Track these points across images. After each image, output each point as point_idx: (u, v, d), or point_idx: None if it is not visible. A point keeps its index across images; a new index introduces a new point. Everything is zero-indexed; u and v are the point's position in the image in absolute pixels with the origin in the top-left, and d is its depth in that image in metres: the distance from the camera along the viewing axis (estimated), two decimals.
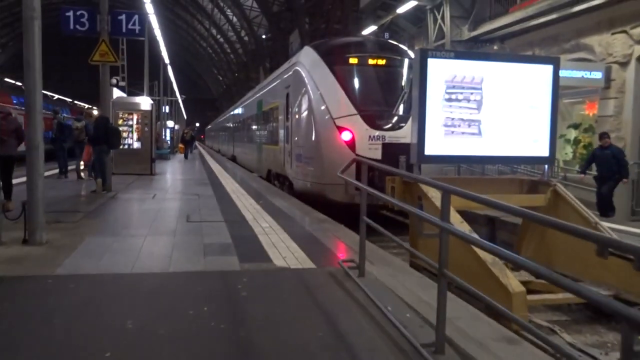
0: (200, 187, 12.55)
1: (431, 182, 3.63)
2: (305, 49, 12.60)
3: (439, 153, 7.11)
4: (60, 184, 12.50)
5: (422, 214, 3.39)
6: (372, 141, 10.70)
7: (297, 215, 8.36)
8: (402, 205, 4.04)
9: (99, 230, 6.63)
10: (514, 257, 2.47)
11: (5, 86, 39.06)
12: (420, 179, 3.94)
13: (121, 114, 16.07)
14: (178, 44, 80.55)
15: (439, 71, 7.01)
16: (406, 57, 12.04)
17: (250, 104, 22.37)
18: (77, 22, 10.78)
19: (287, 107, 13.10)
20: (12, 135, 8.47)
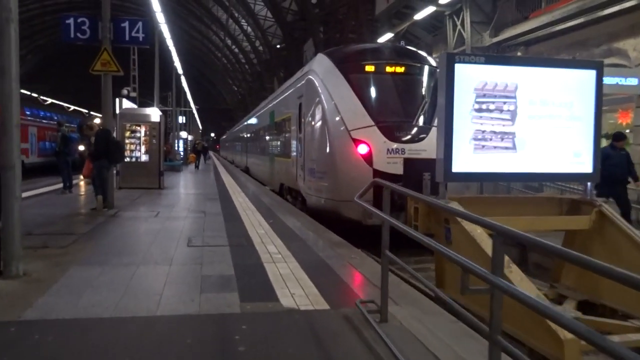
0: (208, 203, 11.87)
1: (478, 220, 2.85)
2: (319, 57, 11.90)
3: (468, 170, 6.30)
4: (60, 200, 11.92)
5: (467, 264, 2.61)
6: (391, 154, 9.93)
7: (310, 238, 7.60)
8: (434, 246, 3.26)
9: (88, 258, 5.93)
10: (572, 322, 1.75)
11: None
12: (464, 215, 3.15)
13: (128, 126, 15.52)
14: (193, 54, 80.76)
15: (467, 78, 6.23)
16: (426, 64, 11.29)
17: (262, 115, 21.75)
18: (77, 30, 10.23)
19: (300, 118, 12.39)
20: None
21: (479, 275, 2.46)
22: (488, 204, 6.75)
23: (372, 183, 4.57)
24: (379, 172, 9.76)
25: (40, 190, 13.87)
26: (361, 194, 4.55)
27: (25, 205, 10.70)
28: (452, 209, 3.67)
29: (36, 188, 14.66)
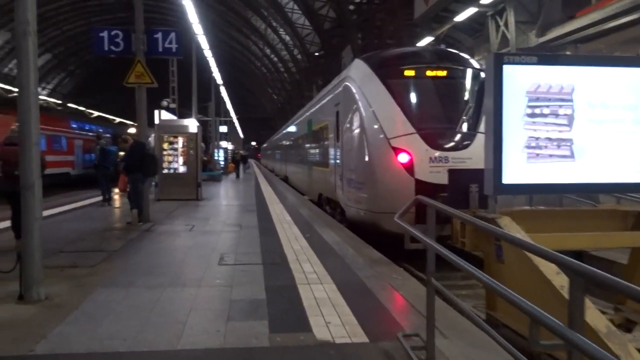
0: (244, 216, 11.59)
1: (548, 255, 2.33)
2: (356, 62, 11.47)
3: (521, 181, 5.72)
4: (98, 213, 11.89)
5: (536, 313, 2.10)
6: (434, 163, 9.38)
7: (348, 254, 7.14)
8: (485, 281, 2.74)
9: (114, 278, 5.67)
10: None
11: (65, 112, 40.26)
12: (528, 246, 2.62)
13: (166, 137, 15.48)
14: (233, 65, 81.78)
15: (518, 80, 5.67)
16: (469, 66, 10.69)
17: (300, 123, 21.47)
18: (111, 43, 10.16)
19: (337, 126, 11.98)
20: None
21: (551, 329, 1.96)
22: (543, 218, 6.13)
23: (415, 201, 4.08)
24: (420, 182, 9.24)
25: (80, 203, 13.95)
26: (402, 213, 4.07)
27: (63, 219, 10.76)
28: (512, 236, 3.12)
29: (77, 201, 14.78)
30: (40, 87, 65.63)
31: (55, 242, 7.90)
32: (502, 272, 5.70)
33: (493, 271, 5.89)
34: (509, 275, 5.57)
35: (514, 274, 5.49)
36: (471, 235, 5.98)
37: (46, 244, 7.70)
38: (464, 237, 6.19)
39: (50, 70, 68.91)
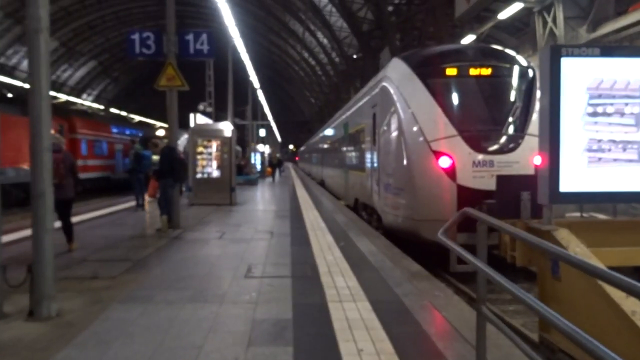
0: (277, 222, 11.19)
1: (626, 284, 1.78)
2: (394, 61, 10.91)
3: (581, 189, 5.06)
4: (130, 218, 11.72)
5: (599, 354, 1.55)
6: (478, 167, 8.75)
7: (384, 267, 6.59)
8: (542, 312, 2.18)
9: (133, 293, 5.31)
10: None
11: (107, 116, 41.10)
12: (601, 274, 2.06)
13: (200, 141, 15.28)
14: (272, 68, 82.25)
15: (577, 75, 5.03)
16: (515, 64, 9.98)
17: (337, 126, 21.00)
18: (143, 45, 9.96)
19: (374, 128, 11.44)
20: (69, 175, 7.64)
21: None
22: (606, 229, 5.44)
23: (462, 214, 3.53)
24: (463, 188, 8.62)
25: (115, 208, 13.86)
26: (448, 228, 3.53)
27: (95, 225, 10.61)
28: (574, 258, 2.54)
29: (112, 205, 14.73)
30: (85, 93, 68.31)
31: (82, 249, 7.68)
32: (558, 290, 5.07)
33: (548, 289, 5.25)
34: (566, 294, 4.93)
35: (572, 293, 4.84)
36: (523, 249, 5.35)
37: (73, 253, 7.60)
38: (514, 251, 5.57)
39: (96, 77, 70.94)
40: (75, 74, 65.11)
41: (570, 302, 4.87)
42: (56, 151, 7.51)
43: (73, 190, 7.81)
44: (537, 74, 10.03)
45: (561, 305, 5.00)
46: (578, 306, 4.75)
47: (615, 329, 4.14)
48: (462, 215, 3.59)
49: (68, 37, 56.14)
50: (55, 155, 7.53)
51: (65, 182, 7.57)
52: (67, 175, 7.63)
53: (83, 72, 66.87)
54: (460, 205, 8.59)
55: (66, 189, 7.57)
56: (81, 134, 27.58)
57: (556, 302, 5.10)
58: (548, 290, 5.21)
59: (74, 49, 59.05)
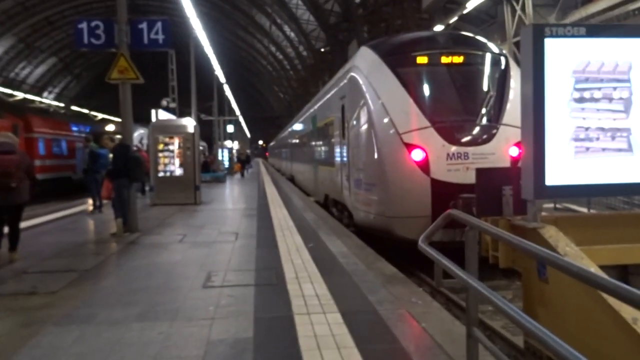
0: (243, 222, 10.58)
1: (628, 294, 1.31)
2: (362, 50, 10.41)
3: (569, 182, 4.63)
4: (84, 222, 10.96)
5: None
6: (452, 160, 8.33)
7: (357, 270, 6.08)
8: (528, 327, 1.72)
9: (73, 312, 4.66)
10: None
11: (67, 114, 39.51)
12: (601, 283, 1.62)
13: (161, 138, 14.51)
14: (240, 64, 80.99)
15: (562, 57, 4.59)
16: (488, 51, 9.61)
17: (305, 120, 20.45)
18: (91, 35, 9.20)
19: (343, 121, 10.92)
20: (24, 177, 6.93)
21: None
22: (597, 225, 5.04)
23: (446, 217, 3.03)
24: (437, 182, 8.20)
25: (70, 211, 13.02)
26: (429, 234, 3.03)
27: (44, 230, 9.79)
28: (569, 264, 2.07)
29: (70, 207, 13.87)
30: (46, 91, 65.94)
31: (24, 260, 6.94)
32: (546, 294, 4.63)
33: (534, 292, 4.81)
34: (555, 298, 4.50)
35: (562, 296, 4.41)
36: (507, 249, 4.89)
37: (14, 262, 6.86)
38: (496, 251, 5.10)
39: (57, 74, 68.54)
40: (34, 72, 62.75)
41: (560, 306, 4.44)
42: (9, 152, 6.96)
43: (28, 194, 7.12)
44: (510, 61, 9.68)
45: (549, 310, 4.58)
46: (569, 311, 4.32)
47: (613, 338, 3.73)
48: (446, 219, 3.09)
49: (26, 33, 53.95)
50: (8, 157, 6.90)
51: (21, 185, 6.88)
52: (23, 178, 6.92)
53: (43, 69, 64.54)
54: (435, 200, 8.16)
55: (21, 193, 6.91)
56: (38, 133, 26.31)
57: (543, 306, 4.67)
58: (534, 293, 4.77)
59: (33, 45, 56.82)
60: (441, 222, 3.15)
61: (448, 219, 3.08)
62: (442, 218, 3.16)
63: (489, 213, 5.13)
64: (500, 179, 5.20)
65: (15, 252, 7.04)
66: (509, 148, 8.54)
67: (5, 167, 6.65)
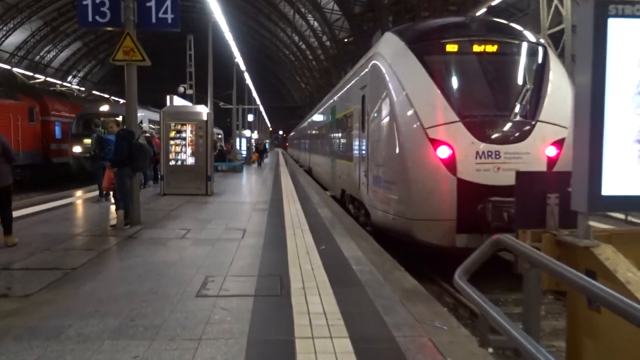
0: (253, 216, 9.94)
1: None
2: (386, 36, 9.62)
3: (630, 192, 3.86)
4: (86, 212, 10.46)
5: None
6: (482, 159, 7.56)
7: (372, 281, 5.37)
8: None
9: (42, 321, 4.05)
10: None
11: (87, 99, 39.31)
12: None
13: (173, 125, 13.93)
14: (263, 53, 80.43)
15: (629, 42, 3.80)
16: (524, 40, 8.79)
17: (324, 111, 19.70)
18: (96, 13, 8.61)
19: (363, 113, 10.18)
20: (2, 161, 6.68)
21: None
22: None
23: (493, 244, 2.30)
24: (464, 183, 7.45)
25: (72, 199, 12.53)
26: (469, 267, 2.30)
27: (41, 219, 9.23)
28: None
29: (73, 196, 13.41)
30: (70, 75, 66.26)
31: (9, 253, 6.39)
32: (596, 324, 3.87)
33: (582, 321, 4.05)
34: (607, 331, 3.75)
35: (616, 330, 3.67)
36: None
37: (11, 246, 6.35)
38: None
39: (81, 58, 68.78)
40: (59, 55, 63.01)
41: (613, 341, 3.69)
42: None
43: (10, 177, 6.86)
44: (550, 51, 8.82)
45: (599, 344, 3.82)
46: (624, 348, 3.58)
47: None
48: (493, 247, 2.35)
49: (52, 17, 54.04)
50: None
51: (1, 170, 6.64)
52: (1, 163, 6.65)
53: (68, 53, 64.78)
54: (461, 202, 7.41)
55: (2, 177, 6.67)
56: (55, 116, 26.06)
57: (592, 338, 3.91)
58: (582, 322, 4.01)
59: (58, 29, 56.92)
60: (487, 250, 2.42)
61: (496, 247, 2.35)
62: (488, 246, 2.43)
63: (529, 224, 4.36)
64: (545, 185, 4.43)
65: (10, 235, 6.90)
66: (546, 147, 7.73)
67: None
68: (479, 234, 7.41)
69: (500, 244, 2.26)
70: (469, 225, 7.40)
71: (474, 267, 2.42)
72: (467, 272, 2.34)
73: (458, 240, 7.50)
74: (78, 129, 24.03)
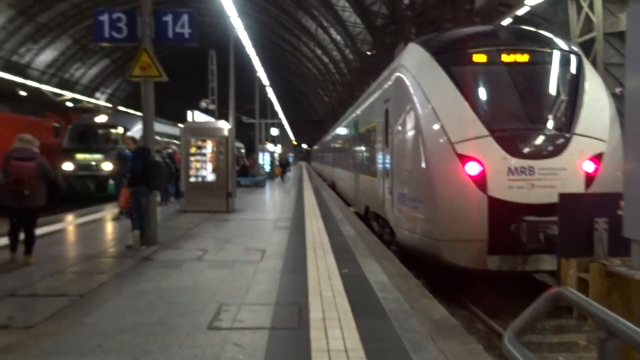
0: (273, 235, 9.60)
1: None
2: (410, 47, 9.26)
3: None
4: (104, 230, 10.23)
5: None
6: (514, 175, 7.09)
7: (399, 312, 4.94)
8: None
9: (40, 359, 3.75)
10: None
11: None
12: None
13: (193, 141, 13.75)
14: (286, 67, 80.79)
15: None
16: (557, 48, 8.33)
17: (347, 124, 19.39)
18: (113, 28, 8.46)
19: (387, 126, 9.80)
20: (40, 183, 6.85)
21: None
22: None
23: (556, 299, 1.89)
24: (496, 201, 6.99)
25: (91, 217, 12.38)
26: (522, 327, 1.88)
27: (56, 240, 9.02)
28: None
29: (93, 212, 13.29)
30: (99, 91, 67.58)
31: (20, 276, 6.17)
32: None
33: None
34: None
35: None
36: (599, 295, 3.67)
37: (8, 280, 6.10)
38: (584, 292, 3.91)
39: (109, 75, 70.10)
40: (88, 72, 64.30)
41: None
42: (26, 159, 6.73)
43: (44, 198, 7.04)
44: (584, 60, 8.34)
45: None
46: None
47: None
48: (553, 303, 1.93)
49: (81, 35, 55.19)
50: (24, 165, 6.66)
51: (36, 191, 6.78)
52: (38, 185, 6.82)
53: (96, 70, 66.06)
54: (493, 222, 6.94)
55: (35, 198, 6.82)
56: None
57: None
58: None
59: (87, 47, 58.11)
60: (544, 307, 1.99)
61: (556, 303, 1.93)
62: (546, 301, 2.00)
63: (573, 252, 3.92)
64: (591, 208, 3.98)
65: (30, 255, 6.99)
66: (584, 162, 7.22)
67: (18, 175, 6.61)
68: (512, 255, 6.95)
69: (562, 299, 1.84)
70: (501, 247, 6.94)
71: (527, 327, 2.01)
72: (519, 333, 1.93)
73: (490, 262, 7.04)
74: (71, 142, 20.73)
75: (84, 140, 20.54)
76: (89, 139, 20.67)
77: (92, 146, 20.49)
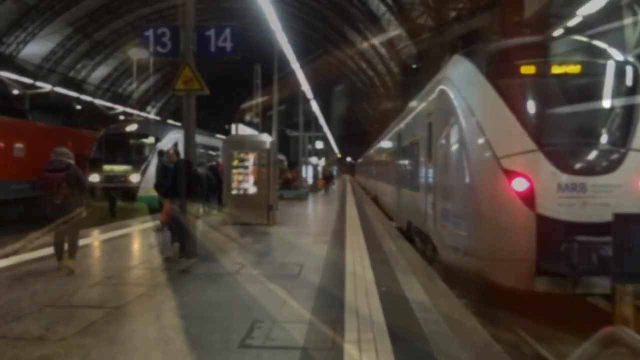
0: (312, 250, 9.47)
1: None
2: (455, 59, 8.99)
3: None
4: (146, 242, 10.36)
5: None
6: (564, 192, 6.72)
7: (439, 334, 4.70)
8: None
9: None
10: None
11: None
12: None
13: (236, 154, 13.85)
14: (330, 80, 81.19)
15: None
16: (610, 59, 7.88)
17: (390, 138, 19.15)
18: (157, 43, 8.64)
19: (430, 140, 9.55)
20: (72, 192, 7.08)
21: None
22: None
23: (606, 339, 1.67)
24: (545, 219, 6.63)
25: (135, 228, 12.60)
26: None
27: (99, 250, 9.25)
28: None
29: (139, 224, 13.54)
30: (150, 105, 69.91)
31: (61, 286, 6.27)
32: None
33: None
34: None
35: None
36: None
37: (47, 292, 6.18)
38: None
39: (159, 90, 72.42)
40: (139, 88, 66.67)
41: None
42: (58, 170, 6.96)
43: (81, 206, 7.28)
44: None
45: None
46: None
47: None
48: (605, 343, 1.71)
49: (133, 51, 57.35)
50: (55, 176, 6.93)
51: (68, 200, 6.99)
52: (71, 194, 7.03)
53: (147, 85, 68.40)
54: (541, 241, 6.57)
55: (69, 206, 7.05)
56: None
57: None
58: None
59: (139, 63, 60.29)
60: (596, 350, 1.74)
61: (610, 344, 1.71)
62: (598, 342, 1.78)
63: (630, 277, 3.61)
64: None
65: (72, 259, 7.18)
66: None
67: (47, 185, 6.94)
68: (562, 276, 6.55)
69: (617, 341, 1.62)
70: (550, 267, 6.56)
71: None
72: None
73: (537, 283, 6.66)
74: (98, 152, 19.87)
75: (112, 150, 19.68)
76: (117, 149, 19.80)
77: (120, 156, 19.73)
